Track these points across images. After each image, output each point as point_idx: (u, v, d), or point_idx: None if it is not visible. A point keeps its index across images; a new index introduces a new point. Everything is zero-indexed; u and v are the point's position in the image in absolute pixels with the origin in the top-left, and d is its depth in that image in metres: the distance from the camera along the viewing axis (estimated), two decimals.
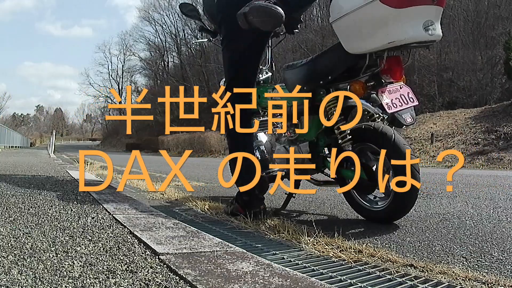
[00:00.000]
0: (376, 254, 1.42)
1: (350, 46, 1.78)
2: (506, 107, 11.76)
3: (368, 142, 1.95)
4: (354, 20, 1.69)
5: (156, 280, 0.92)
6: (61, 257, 1.08)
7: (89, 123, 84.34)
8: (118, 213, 1.77)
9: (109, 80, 54.53)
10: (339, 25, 1.77)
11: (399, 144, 1.81)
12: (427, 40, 1.70)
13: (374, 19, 1.63)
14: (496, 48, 15.87)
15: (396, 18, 1.60)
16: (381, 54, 1.77)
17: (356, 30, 1.70)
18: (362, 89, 1.83)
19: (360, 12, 1.65)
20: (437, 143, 11.16)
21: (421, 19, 1.65)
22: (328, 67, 1.96)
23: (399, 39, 1.64)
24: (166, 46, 42.68)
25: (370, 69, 1.85)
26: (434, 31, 1.68)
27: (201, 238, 1.35)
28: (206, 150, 20.09)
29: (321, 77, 1.98)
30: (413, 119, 1.83)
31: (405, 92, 1.81)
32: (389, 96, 1.77)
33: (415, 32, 1.64)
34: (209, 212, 2.31)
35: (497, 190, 3.54)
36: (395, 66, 1.81)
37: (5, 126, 27.08)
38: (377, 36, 1.65)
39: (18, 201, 2.02)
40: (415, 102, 1.81)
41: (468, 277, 1.20)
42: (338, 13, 1.75)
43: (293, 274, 1.00)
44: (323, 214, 2.34)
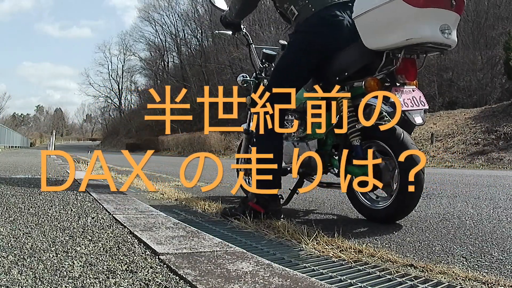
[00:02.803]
0: (376, 254, 1.42)
1: (370, 41, 1.83)
2: (506, 107, 11.76)
3: (376, 139, 1.99)
4: (376, 17, 1.76)
5: (156, 280, 0.92)
6: (61, 257, 1.08)
7: (89, 123, 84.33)
8: (118, 213, 1.77)
9: (109, 80, 54.44)
10: (361, 20, 1.83)
11: (407, 143, 1.86)
12: (442, 43, 1.76)
13: (395, 16, 1.71)
14: (496, 48, 15.88)
15: (416, 17, 1.67)
16: (397, 54, 1.82)
17: (377, 26, 1.77)
18: (377, 86, 1.87)
19: (382, 9, 1.72)
20: (437, 143, 11.16)
21: (439, 21, 1.72)
22: (346, 63, 2.01)
23: (416, 37, 1.70)
24: (166, 46, 42.70)
25: (386, 67, 1.89)
26: (450, 35, 1.75)
27: (201, 238, 1.35)
28: (206, 150, 20.06)
29: (338, 73, 2.03)
30: (422, 121, 1.88)
31: (417, 96, 1.88)
32: (402, 96, 1.83)
33: (432, 32, 1.71)
34: (209, 212, 2.31)
35: (497, 190, 3.54)
36: (410, 67, 1.88)
37: (5, 126, 27.08)
38: (396, 33, 1.73)
39: (18, 201, 2.02)
40: (426, 106, 1.88)
41: (468, 277, 1.20)
42: (361, 9, 1.82)
43: (293, 274, 1.00)
44: (323, 214, 2.34)
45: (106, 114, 57.40)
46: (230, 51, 28.67)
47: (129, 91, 53.11)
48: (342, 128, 2.04)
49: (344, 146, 2.08)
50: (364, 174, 1.92)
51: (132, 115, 47.13)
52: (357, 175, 1.98)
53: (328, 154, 2.21)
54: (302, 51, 2.12)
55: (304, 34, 2.11)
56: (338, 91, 2.01)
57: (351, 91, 2.03)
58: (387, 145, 1.93)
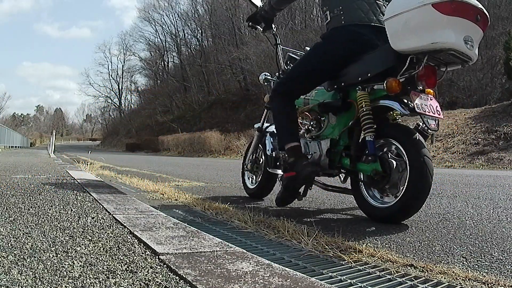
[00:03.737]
0: (376, 254, 1.42)
1: (397, 43, 1.89)
2: (506, 107, 11.75)
3: (390, 138, 2.04)
4: (405, 20, 1.83)
5: (156, 280, 0.92)
6: (61, 257, 1.08)
7: (89, 123, 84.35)
8: (118, 213, 1.77)
9: (109, 80, 54.54)
10: (391, 23, 1.89)
11: (421, 144, 1.90)
12: (464, 53, 1.82)
13: (424, 21, 1.78)
14: (496, 48, 15.86)
15: (443, 23, 1.75)
16: (421, 59, 1.87)
17: (405, 29, 1.83)
18: (398, 86, 1.92)
19: (412, 13, 1.80)
20: (437, 143, 11.15)
21: (464, 32, 1.79)
22: (370, 65, 2.06)
23: (441, 42, 1.77)
24: (166, 46, 42.70)
25: (408, 71, 1.93)
26: (472, 48, 1.82)
27: (201, 238, 1.35)
28: (206, 150, 20.07)
29: (361, 74, 2.09)
30: (436, 127, 1.94)
31: (434, 104, 1.94)
32: (420, 101, 1.89)
33: (456, 40, 1.77)
34: (209, 212, 2.31)
35: (497, 190, 3.54)
36: (431, 74, 1.94)
37: (5, 126, 27.08)
38: (423, 37, 1.79)
39: (18, 201, 2.02)
40: (440, 116, 1.94)
41: (468, 277, 1.20)
42: (392, 12, 1.88)
43: (293, 274, 0.99)
44: (323, 214, 2.34)
45: (106, 114, 57.44)
46: (230, 51, 28.66)
47: (129, 91, 53.18)
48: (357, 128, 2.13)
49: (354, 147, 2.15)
50: (373, 172, 1.98)
51: (132, 115, 47.16)
52: (366, 173, 2.02)
53: (339, 154, 2.25)
54: (320, 58, 2.23)
55: (328, 42, 2.22)
56: (359, 92, 2.09)
57: (371, 93, 2.09)
58: (400, 144, 1.97)
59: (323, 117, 2.41)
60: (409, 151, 1.90)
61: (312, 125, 2.47)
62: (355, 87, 2.14)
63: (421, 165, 1.84)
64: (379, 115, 2.11)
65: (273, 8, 2.56)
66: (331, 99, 2.33)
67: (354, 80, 2.13)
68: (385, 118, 2.19)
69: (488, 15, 1.87)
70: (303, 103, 2.53)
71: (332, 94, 2.34)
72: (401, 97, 1.95)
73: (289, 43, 21.29)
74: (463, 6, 1.75)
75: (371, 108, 2.04)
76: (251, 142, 3.04)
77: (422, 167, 1.84)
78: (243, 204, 2.65)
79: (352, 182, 2.20)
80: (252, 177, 3.07)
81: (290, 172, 2.18)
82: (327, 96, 2.37)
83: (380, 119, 2.13)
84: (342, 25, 2.13)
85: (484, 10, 1.81)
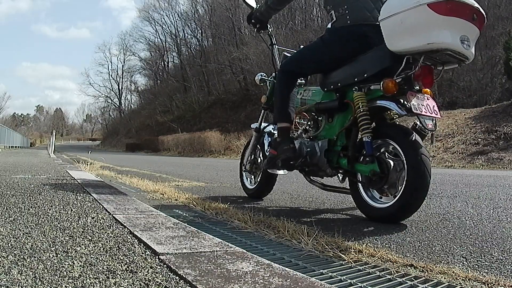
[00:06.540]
0: (376, 254, 1.42)
1: (392, 43, 1.88)
2: (506, 107, 11.75)
3: (388, 138, 2.03)
4: (401, 20, 1.82)
5: (156, 280, 0.92)
6: (61, 257, 1.08)
7: (89, 123, 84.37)
8: (118, 213, 1.77)
9: (109, 80, 54.61)
10: (387, 23, 1.89)
11: (418, 144, 1.90)
12: (461, 52, 1.81)
13: (419, 21, 1.77)
14: (496, 48, 15.86)
15: (439, 23, 1.74)
16: (417, 59, 1.86)
17: (401, 29, 1.83)
18: (394, 87, 1.92)
19: (407, 13, 1.79)
20: (437, 143, 11.15)
21: (460, 31, 1.79)
22: (366, 65, 2.06)
23: (438, 42, 1.76)
24: (166, 46, 42.70)
25: (404, 71, 1.93)
26: (468, 47, 1.81)
27: (201, 238, 1.35)
28: (206, 150, 20.07)
29: (357, 74, 2.09)
30: (433, 127, 1.94)
31: (431, 104, 1.93)
32: (417, 101, 1.88)
33: (452, 40, 1.76)
34: (209, 212, 2.31)
35: (497, 190, 3.54)
36: (428, 73, 1.93)
37: (5, 126, 27.07)
38: (419, 37, 1.78)
39: (18, 201, 2.02)
40: (438, 116, 1.93)
41: (468, 277, 1.20)
42: (388, 13, 1.88)
43: (293, 274, 0.99)
44: (323, 214, 2.34)
45: (106, 114, 57.50)
46: (230, 51, 28.66)
47: (129, 91, 53.23)
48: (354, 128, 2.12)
49: (351, 147, 2.14)
50: (371, 173, 1.97)
51: (132, 115, 47.16)
52: (364, 173, 2.02)
53: (337, 155, 2.24)
54: (321, 52, 2.27)
55: (332, 40, 2.23)
56: (356, 92, 2.09)
57: (367, 93, 2.08)
58: (397, 144, 1.96)
59: (320, 118, 2.41)
60: (406, 150, 1.90)
61: (309, 125, 2.48)
62: (351, 87, 2.14)
63: (418, 164, 1.84)
64: (376, 115, 2.12)
65: (270, 8, 2.55)
66: (328, 99, 2.33)
67: (351, 80, 2.13)
68: (383, 118, 2.19)
69: (485, 14, 1.85)
70: (300, 103, 2.53)
71: (329, 95, 2.34)
72: (398, 98, 1.95)
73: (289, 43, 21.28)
74: (459, 6, 1.74)
75: (368, 109, 2.04)
76: (248, 143, 3.04)
77: (420, 166, 1.83)
78: (243, 204, 2.65)
79: (350, 183, 2.20)
80: (251, 178, 3.07)
81: (273, 150, 2.37)
82: (324, 97, 2.37)
83: (377, 119, 2.14)
84: (348, 25, 2.14)
85: (480, 9, 1.80)
